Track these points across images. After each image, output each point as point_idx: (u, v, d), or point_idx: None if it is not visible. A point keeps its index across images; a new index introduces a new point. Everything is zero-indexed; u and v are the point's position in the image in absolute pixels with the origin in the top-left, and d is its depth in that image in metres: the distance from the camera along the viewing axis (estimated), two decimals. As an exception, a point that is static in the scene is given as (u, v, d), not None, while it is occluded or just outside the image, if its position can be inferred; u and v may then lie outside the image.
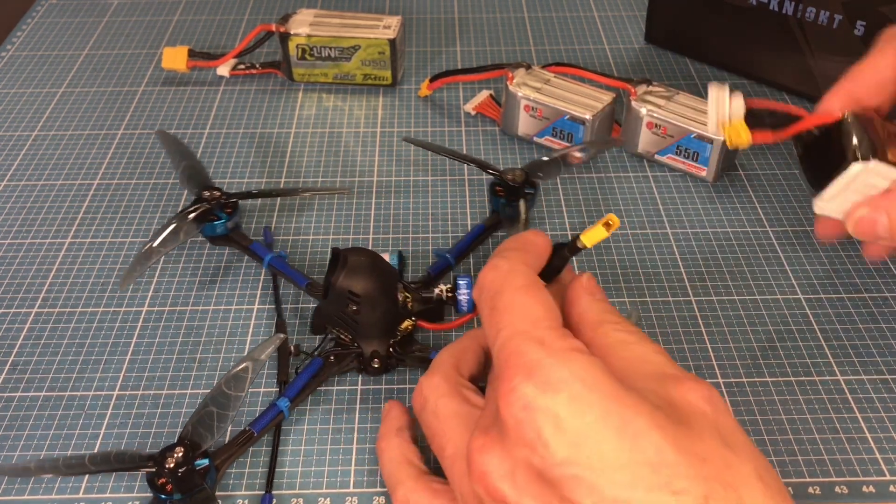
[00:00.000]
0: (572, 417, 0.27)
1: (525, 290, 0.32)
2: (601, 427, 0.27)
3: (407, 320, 0.44)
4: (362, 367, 0.45)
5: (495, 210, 0.52)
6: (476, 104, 0.64)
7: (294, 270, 0.48)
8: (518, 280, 0.32)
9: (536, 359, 0.28)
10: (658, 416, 0.27)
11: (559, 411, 0.27)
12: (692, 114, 0.56)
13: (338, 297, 0.43)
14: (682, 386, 0.30)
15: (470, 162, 0.55)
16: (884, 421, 0.43)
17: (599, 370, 0.28)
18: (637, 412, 0.27)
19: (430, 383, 0.35)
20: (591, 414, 0.27)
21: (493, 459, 0.29)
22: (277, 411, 0.41)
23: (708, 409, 0.29)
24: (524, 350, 0.29)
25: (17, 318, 0.49)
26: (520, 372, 0.28)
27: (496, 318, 0.31)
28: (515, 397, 0.28)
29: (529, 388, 0.28)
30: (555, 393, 0.27)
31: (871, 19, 0.58)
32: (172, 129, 0.63)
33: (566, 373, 0.28)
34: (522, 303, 0.31)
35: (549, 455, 0.27)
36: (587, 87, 0.60)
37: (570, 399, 0.27)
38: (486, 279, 0.33)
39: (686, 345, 0.46)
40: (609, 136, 0.60)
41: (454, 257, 0.49)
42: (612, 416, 0.27)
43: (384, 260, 0.44)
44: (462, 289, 0.44)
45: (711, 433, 0.28)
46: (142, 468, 0.37)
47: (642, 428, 0.27)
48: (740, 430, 0.29)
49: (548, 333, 0.29)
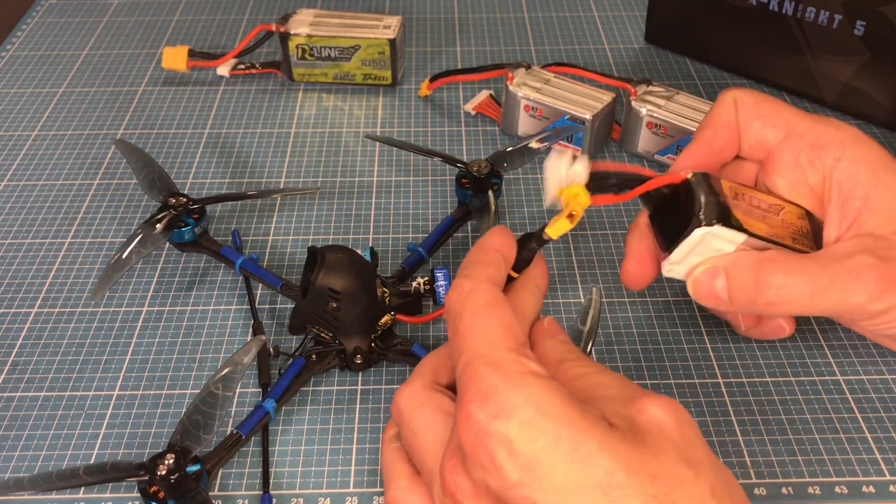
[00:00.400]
0: (524, 442, 0.28)
1: (485, 311, 0.32)
2: (552, 451, 0.28)
3: (386, 315, 0.45)
4: (345, 364, 0.45)
5: (462, 202, 0.52)
6: (476, 104, 0.64)
7: (267, 272, 0.48)
8: (478, 300, 0.33)
9: (492, 384, 0.29)
10: (611, 437, 0.28)
11: (511, 436, 0.28)
12: (692, 114, 0.57)
13: (317, 296, 0.43)
14: (640, 401, 0.30)
15: (435, 156, 0.56)
16: (884, 421, 0.43)
17: (555, 392, 0.29)
18: (589, 435, 0.28)
19: (404, 395, 0.35)
20: (543, 438, 0.28)
21: (461, 480, 0.30)
22: (263, 413, 0.41)
23: (668, 420, 0.30)
24: (481, 375, 0.30)
25: (17, 318, 0.49)
26: (476, 398, 0.29)
27: (457, 341, 0.32)
28: (471, 423, 0.29)
29: (483, 414, 0.29)
30: (507, 419, 0.28)
31: (871, 19, 0.58)
32: (172, 129, 0.63)
33: (520, 398, 0.29)
34: (482, 325, 0.32)
35: (502, 478, 0.28)
36: (587, 88, 0.60)
37: (521, 424, 0.28)
38: (450, 301, 0.34)
39: (686, 345, 0.46)
40: (608, 135, 0.60)
41: (426, 250, 0.50)
42: (563, 440, 0.28)
43: (362, 256, 0.45)
44: (440, 280, 0.45)
45: (668, 449, 0.29)
46: (134, 477, 0.37)
47: (593, 450, 0.28)
48: (703, 444, 0.30)
49: (504, 356, 0.30)
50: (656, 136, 0.58)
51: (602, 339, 0.47)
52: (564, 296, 0.49)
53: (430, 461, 0.33)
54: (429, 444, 0.33)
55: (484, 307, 0.32)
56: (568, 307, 0.49)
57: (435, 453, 0.33)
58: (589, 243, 0.53)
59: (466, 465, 0.29)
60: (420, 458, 0.33)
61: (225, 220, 0.55)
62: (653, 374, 0.45)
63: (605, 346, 0.46)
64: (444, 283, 0.45)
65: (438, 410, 0.34)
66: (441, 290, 0.45)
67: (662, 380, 0.45)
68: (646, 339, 0.47)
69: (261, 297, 0.50)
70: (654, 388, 0.44)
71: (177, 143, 0.62)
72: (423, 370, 0.36)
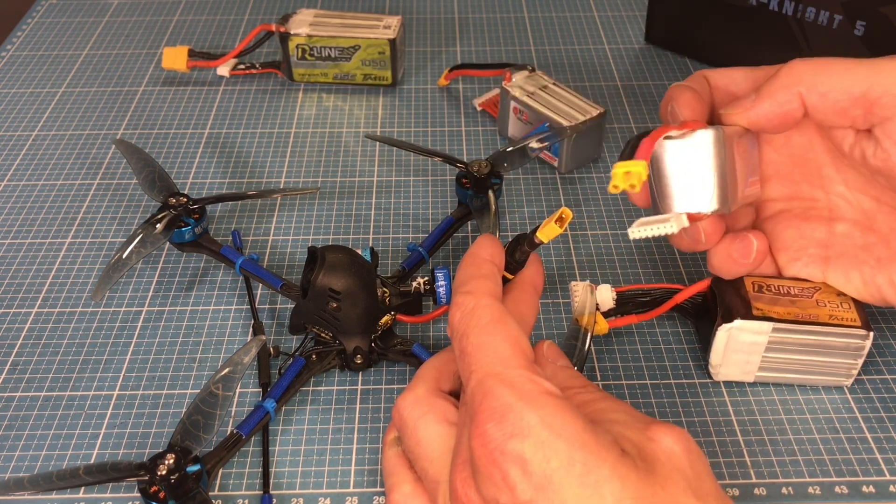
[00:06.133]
0: (538, 462, 0.28)
1: (491, 329, 0.32)
2: (564, 474, 0.28)
3: (386, 315, 0.45)
4: (345, 364, 0.45)
5: (462, 202, 0.52)
6: (483, 100, 0.64)
7: (267, 272, 0.48)
8: (483, 318, 0.33)
9: (507, 403, 0.29)
10: (622, 464, 0.28)
11: (527, 456, 0.28)
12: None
13: (318, 296, 0.43)
14: (652, 429, 0.30)
15: (435, 156, 0.56)
16: (884, 421, 0.43)
17: (569, 413, 0.29)
18: (601, 460, 0.28)
19: (408, 401, 0.35)
20: (557, 460, 0.28)
21: (473, 493, 0.30)
22: (264, 412, 0.41)
23: (677, 449, 0.30)
24: (496, 393, 0.30)
25: (17, 318, 0.49)
26: (492, 416, 0.29)
27: (466, 360, 0.32)
28: (486, 440, 0.29)
29: (499, 433, 0.29)
30: (522, 438, 0.29)
31: (871, 19, 0.58)
32: (172, 129, 0.63)
33: (534, 418, 0.29)
34: (490, 343, 0.32)
35: (514, 497, 0.28)
36: (580, 100, 0.58)
37: (536, 444, 0.28)
38: (454, 320, 0.34)
39: (686, 345, 0.46)
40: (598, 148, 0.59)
41: (426, 250, 0.50)
42: (576, 463, 0.28)
43: (362, 256, 0.45)
44: (440, 280, 0.45)
45: (678, 480, 0.29)
46: (134, 477, 0.37)
47: (604, 476, 0.28)
48: (711, 477, 0.30)
49: (518, 374, 0.31)
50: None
51: (602, 340, 0.47)
52: (565, 296, 0.49)
53: (433, 470, 0.33)
54: (434, 453, 0.33)
55: (490, 324, 0.33)
56: (568, 307, 0.49)
57: (439, 463, 0.33)
58: (589, 243, 0.53)
59: (477, 480, 0.30)
60: (423, 465, 0.34)
61: (225, 220, 0.55)
62: (653, 374, 0.45)
63: (605, 346, 0.46)
64: (444, 283, 0.45)
65: (443, 419, 0.34)
66: (441, 290, 0.45)
67: (662, 380, 0.45)
68: (646, 339, 0.47)
69: (261, 297, 0.50)
70: (654, 388, 0.44)
71: (177, 143, 0.62)
72: (425, 375, 0.36)
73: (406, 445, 0.35)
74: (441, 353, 0.38)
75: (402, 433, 0.35)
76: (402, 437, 0.35)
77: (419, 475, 0.34)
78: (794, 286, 0.43)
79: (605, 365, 0.45)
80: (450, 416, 0.34)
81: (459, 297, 0.34)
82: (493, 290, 0.35)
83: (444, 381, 0.36)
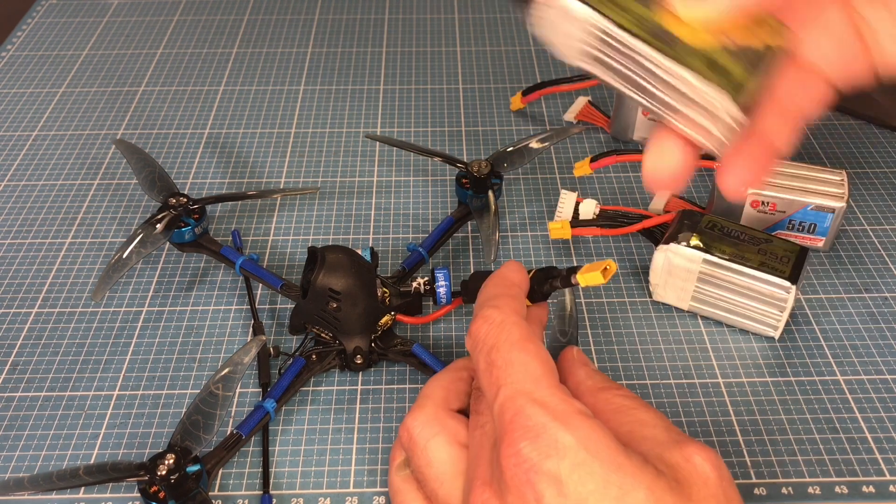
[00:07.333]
0: (574, 484, 0.28)
1: (522, 346, 0.32)
2: (601, 496, 0.28)
3: (386, 315, 0.45)
4: (345, 364, 0.45)
5: (462, 202, 0.53)
6: (576, 112, 0.63)
7: (267, 272, 0.48)
8: (513, 334, 0.33)
9: (541, 422, 0.29)
10: (658, 486, 0.28)
11: (563, 476, 0.28)
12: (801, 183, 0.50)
13: (318, 296, 0.43)
14: (686, 449, 0.30)
15: (435, 156, 0.56)
16: (884, 421, 0.43)
17: (603, 435, 0.29)
18: (637, 482, 0.28)
19: (418, 421, 0.34)
20: (593, 482, 0.28)
21: None
22: (264, 413, 0.41)
23: (713, 475, 0.29)
24: (529, 413, 0.30)
25: (17, 318, 0.49)
26: (526, 435, 0.29)
27: (495, 374, 0.32)
28: (520, 459, 0.29)
29: (535, 453, 0.29)
30: (559, 458, 0.28)
31: (872, 19, 0.58)
32: (172, 129, 0.63)
33: (570, 439, 0.29)
34: (520, 360, 0.32)
35: None
36: None
37: (573, 465, 0.28)
38: (481, 332, 0.33)
39: (686, 345, 0.46)
40: None
41: (426, 251, 0.50)
42: (612, 486, 0.28)
43: (361, 256, 0.45)
44: (440, 281, 0.45)
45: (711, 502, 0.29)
46: (134, 477, 0.37)
47: (640, 499, 0.28)
48: (740, 500, 0.30)
49: (550, 394, 0.30)
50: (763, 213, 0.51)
51: (602, 340, 0.47)
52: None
53: (444, 492, 0.33)
54: (445, 475, 0.33)
55: (521, 341, 0.32)
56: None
57: (450, 485, 0.33)
58: (589, 243, 0.53)
59: (505, 499, 0.29)
60: (433, 487, 0.33)
61: (225, 220, 0.55)
62: (653, 374, 0.45)
63: (605, 346, 0.46)
64: (444, 284, 0.45)
65: (454, 441, 0.33)
66: (441, 291, 0.45)
67: (662, 380, 0.45)
68: (646, 339, 0.47)
69: (261, 297, 0.50)
70: (653, 388, 0.44)
71: (177, 143, 0.62)
72: (433, 394, 0.36)
73: (415, 466, 0.34)
74: (446, 371, 0.37)
75: (411, 453, 0.34)
76: (411, 458, 0.34)
77: (428, 496, 0.34)
78: (748, 233, 0.45)
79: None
80: (461, 438, 0.34)
81: (487, 310, 0.34)
82: (520, 311, 0.34)
83: (452, 400, 0.36)
